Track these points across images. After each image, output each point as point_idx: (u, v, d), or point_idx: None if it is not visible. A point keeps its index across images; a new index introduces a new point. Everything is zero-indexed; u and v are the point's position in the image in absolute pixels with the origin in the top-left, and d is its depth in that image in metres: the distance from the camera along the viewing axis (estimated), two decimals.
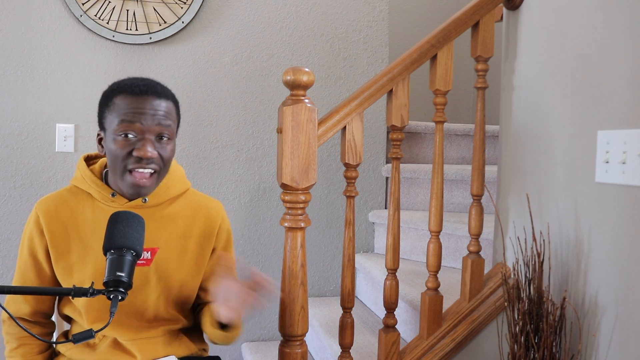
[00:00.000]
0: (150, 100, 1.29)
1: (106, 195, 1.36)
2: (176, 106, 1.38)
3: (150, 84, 1.32)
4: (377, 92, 1.65)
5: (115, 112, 1.29)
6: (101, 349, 1.37)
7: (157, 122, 1.29)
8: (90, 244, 1.35)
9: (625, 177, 1.30)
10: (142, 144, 1.27)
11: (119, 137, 1.28)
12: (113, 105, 1.30)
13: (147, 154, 1.27)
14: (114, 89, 1.33)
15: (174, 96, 1.38)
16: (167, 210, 1.41)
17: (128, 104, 1.29)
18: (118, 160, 1.29)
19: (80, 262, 1.35)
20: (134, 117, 1.27)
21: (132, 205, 1.37)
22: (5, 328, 1.42)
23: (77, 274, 1.35)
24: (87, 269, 1.34)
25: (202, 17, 2.47)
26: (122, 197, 1.36)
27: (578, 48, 1.50)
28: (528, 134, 1.74)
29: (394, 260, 1.70)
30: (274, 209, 2.57)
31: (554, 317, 1.42)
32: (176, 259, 1.39)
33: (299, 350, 1.51)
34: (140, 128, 1.28)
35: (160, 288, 1.37)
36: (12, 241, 2.35)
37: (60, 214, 1.36)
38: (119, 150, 1.28)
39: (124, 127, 1.27)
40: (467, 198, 2.59)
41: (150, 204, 1.38)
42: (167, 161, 1.34)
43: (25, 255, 1.39)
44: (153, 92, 1.31)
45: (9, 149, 2.34)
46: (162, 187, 1.40)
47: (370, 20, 2.64)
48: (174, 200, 1.43)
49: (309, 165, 1.49)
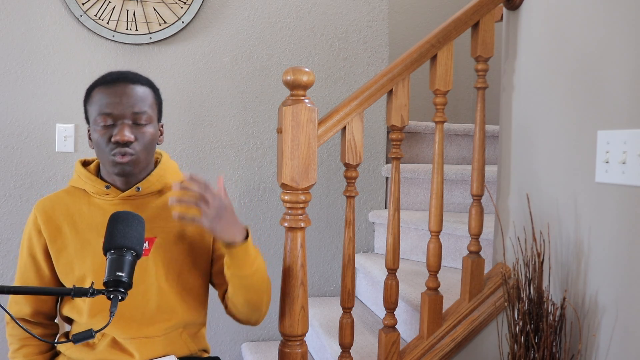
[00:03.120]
0: (122, 87, 1.36)
1: (100, 189, 1.40)
2: (153, 91, 1.43)
3: (123, 73, 1.40)
4: (377, 92, 1.65)
5: (94, 104, 1.37)
6: (100, 349, 1.37)
7: (131, 107, 1.35)
8: (87, 238, 1.37)
9: (625, 177, 1.30)
10: (119, 129, 1.33)
11: (99, 127, 1.35)
12: (92, 99, 1.38)
13: (123, 138, 1.32)
14: (92, 84, 1.41)
15: (150, 82, 1.44)
16: (163, 198, 1.44)
17: (103, 94, 1.36)
18: (101, 148, 1.35)
19: (79, 256, 1.36)
20: (109, 106, 1.34)
21: (126, 195, 1.39)
22: (9, 330, 1.43)
23: (77, 268, 1.36)
24: (86, 262, 1.36)
25: (202, 17, 2.47)
26: (116, 190, 1.40)
27: (578, 48, 1.50)
28: (528, 134, 1.74)
29: (394, 260, 1.70)
30: (274, 209, 2.57)
31: (554, 317, 1.42)
32: (175, 246, 1.40)
33: (299, 350, 1.51)
34: (115, 115, 1.34)
35: (161, 277, 1.38)
36: (12, 241, 2.35)
37: (57, 212, 1.40)
38: (100, 139, 1.35)
39: (101, 116, 1.35)
40: (467, 198, 2.59)
41: (144, 193, 1.41)
42: (147, 144, 1.38)
43: (25, 256, 1.41)
44: (124, 79, 1.38)
45: (9, 149, 2.34)
46: (154, 175, 1.43)
47: (370, 20, 2.64)
48: (168, 190, 1.45)
49: (309, 165, 1.49)
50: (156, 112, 1.43)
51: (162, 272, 1.38)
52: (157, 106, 1.44)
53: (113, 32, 2.37)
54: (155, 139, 1.41)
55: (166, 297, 1.38)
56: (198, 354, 1.48)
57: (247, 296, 1.39)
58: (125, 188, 1.40)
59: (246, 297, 1.39)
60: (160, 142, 1.46)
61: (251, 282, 1.37)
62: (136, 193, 1.40)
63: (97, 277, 1.34)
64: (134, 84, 1.38)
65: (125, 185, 1.40)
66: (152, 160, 1.44)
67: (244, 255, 1.33)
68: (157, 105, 1.44)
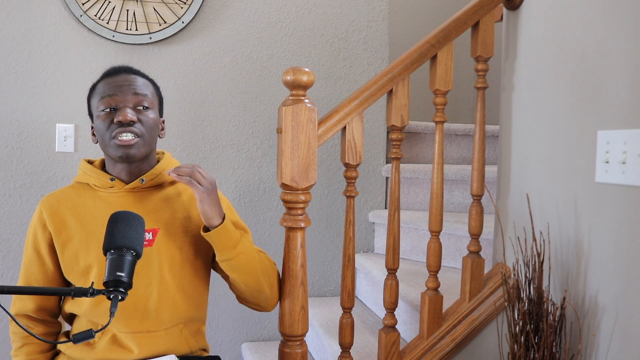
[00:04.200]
0: (124, 75, 1.42)
1: (105, 181, 1.42)
2: (154, 85, 1.48)
3: (124, 66, 1.46)
4: (377, 92, 1.65)
5: (97, 94, 1.42)
6: (100, 347, 1.38)
7: (133, 91, 1.39)
8: (92, 230, 1.39)
9: (625, 177, 1.30)
10: (121, 111, 1.37)
11: (102, 113, 1.39)
12: (95, 92, 1.43)
13: (126, 117, 1.35)
14: (95, 82, 1.46)
15: (151, 78, 1.49)
16: (167, 190, 1.47)
17: (105, 84, 1.41)
18: (104, 132, 1.38)
19: (84, 247, 1.38)
20: (111, 91, 1.39)
21: (131, 187, 1.42)
22: (12, 327, 1.45)
23: (82, 260, 1.37)
24: (91, 254, 1.37)
25: (202, 17, 2.47)
26: (120, 182, 1.43)
27: (578, 48, 1.50)
28: (528, 134, 1.74)
29: (394, 260, 1.70)
30: (274, 209, 2.57)
31: (554, 317, 1.42)
32: (178, 238, 1.42)
33: (299, 350, 1.51)
34: (117, 99, 1.38)
35: (164, 268, 1.39)
36: (12, 241, 2.35)
37: (62, 206, 1.42)
38: (102, 124, 1.38)
39: (104, 102, 1.38)
40: (467, 198, 2.59)
41: (148, 184, 1.44)
42: (150, 128, 1.41)
43: (30, 251, 1.43)
44: (127, 70, 1.45)
45: (9, 149, 2.34)
46: (158, 168, 1.45)
47: (370, 20, 2.64)
48: (172, 183, 1.48)
49: (309, 165, 1.49)
50: (157, 103, 1.47)
51: (165, 262, 1.39)
52: (157, 98, 1.48)
53: (113, 32, 2.37)
54: (157, 126, 1.44)
55: (168, 289, 1.39)
56: (198, 352, 1.48)
57: (242, 278, 1.41)
58: (130, 180, 1.43)
59: (242, 279, 1.41)
60: (162, 136, 1.50)
61: (239, 263, 1.38)
62: (140, 185, 1.42)
63: (102, 267, 1.35)
64: (135, 74, 1.44)
65: (129, 177, 1.43)
66: (154, 152, 1.47)
67: (225, 235, 1.35)
68: (158, 97, 1.49)
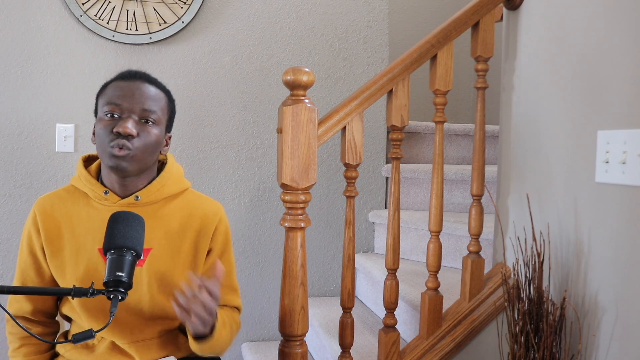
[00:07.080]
0: (138, 83, 1.34)
1: (99, 193, 1.36)
2: (169, 99, 1.40)
3: (141, 72, 1.38)
4: (377, 92, 1.65)
5: (106, 95, 1.34)
6: (99, 351, 1.37)
7: (142, 103, 1.32)
8: (83, 243, 1.34)
9: (625, 177, 1.30)
10: (123, 122, 1.29)
11: (105, 117, 1.32)
12: (105, 92, 1.36)
13: (125, 129, 1.27)
14: (108, 81, 1.38)
15: (167, 89, 1.41)
16: (162, 210, 1.39)
17: (116, 87, 1.34)
18: (102, 139, 1.30)
19: (72, 260, 1.34)
20: (119, 98, 1.31)
21: (125, 203, 1.36)
22: (9, 328, 1.42)
23: (69, 272, 1.34)
24: (80, 268, 1.33)
25: (202, 17, 2.47)
26: (114, 195, 1.36)
27: (578, 48, 1.50)
28: (528, 134, 1.74)
29: (394, 260, 1.70)
30: (274, 209, 2.57)
31: (554, 317, 1.42)
32: (169, 259, 1.37)
33: (299, 350, 1.51)
34: (124, 108, 1.31)
35: (154, 288, 1.35)
36: (12, 241, 2.35)
37: (55, 213, 1.37)
38: (102, 130, 1.30)
39: (110, 107, 1.31)
40: (467, 198, 2.59)
41: (143, 202, 1.37)
42: (149, 145, 1.32)
43: (25, 253, 1.39)
44: (142, 78, 1.36)
45: (9, 149, 2.34)
46: (155, 185, 1.38)
47: (370, 20, 2.64)
48: (170, 200, 1.41)
49: (309, 165, 1.49)
50: (166, 118, 1.39)
51: (154, 284, 1.35)
52: (168, 113, 1.40)
53: (113, 32, 2.37)
54: (159, 144, 1.36)
55: (159, 305, 1.36)
56: None
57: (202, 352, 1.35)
58: (124, 194, 1.36)
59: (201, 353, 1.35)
60: (165, 152, 1.42)
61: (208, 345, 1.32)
62: (135, 202, 1.36)
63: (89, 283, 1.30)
64: (150, 84, 1.36)
65: (124, 191, 1.36)
66: (154, 167, 1.40)
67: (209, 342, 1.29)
68: (169, 112, 1.41)
